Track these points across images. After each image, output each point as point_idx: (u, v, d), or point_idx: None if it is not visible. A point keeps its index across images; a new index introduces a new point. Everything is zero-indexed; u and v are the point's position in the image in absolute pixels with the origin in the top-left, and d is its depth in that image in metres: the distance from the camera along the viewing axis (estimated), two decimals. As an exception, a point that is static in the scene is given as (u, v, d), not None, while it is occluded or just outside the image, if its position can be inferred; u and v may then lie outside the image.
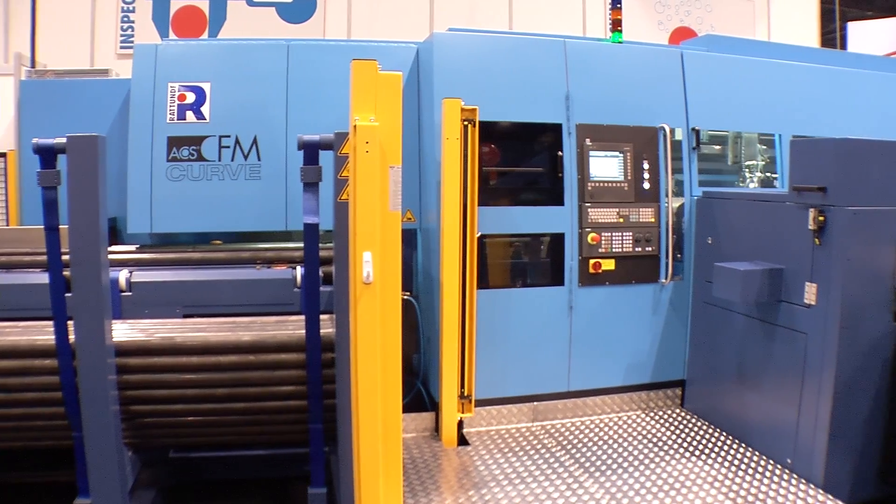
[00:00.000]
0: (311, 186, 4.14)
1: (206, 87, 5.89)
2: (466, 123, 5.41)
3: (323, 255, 4.46)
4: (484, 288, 5.83)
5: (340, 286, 4.02)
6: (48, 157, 3.89)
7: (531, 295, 6.08)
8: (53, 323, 4.00)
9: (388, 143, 3.77)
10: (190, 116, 5.85)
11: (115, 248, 5.51)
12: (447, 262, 5.45)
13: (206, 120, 5.87)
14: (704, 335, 6.27)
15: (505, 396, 6.06)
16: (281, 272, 5.23)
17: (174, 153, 5.81)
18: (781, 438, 5.30)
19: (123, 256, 5.36)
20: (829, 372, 4.87)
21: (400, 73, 3.87)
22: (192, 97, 5.86)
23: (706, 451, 5.59)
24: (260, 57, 6.01)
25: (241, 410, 4.37)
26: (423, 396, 6.21)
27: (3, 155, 6.78)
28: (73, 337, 3.96)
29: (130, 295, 5.01)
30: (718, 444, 5.72)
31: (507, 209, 5.99)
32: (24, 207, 6.38)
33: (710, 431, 5.98)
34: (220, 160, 5.87)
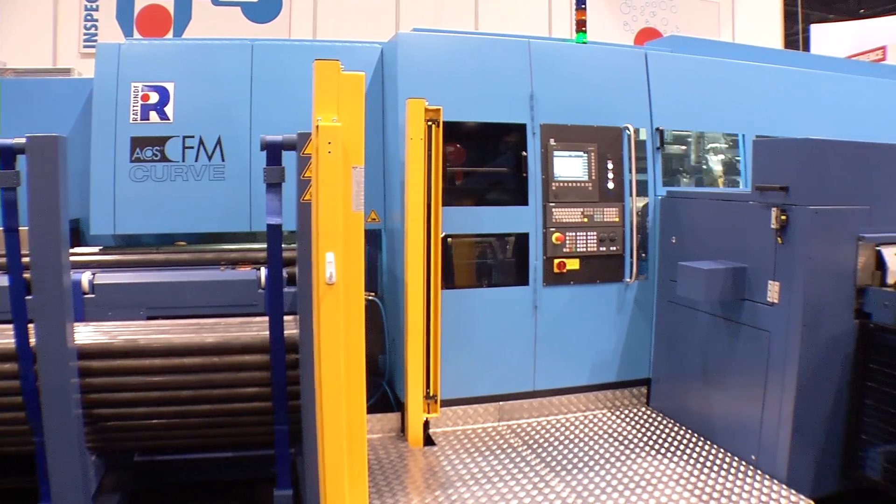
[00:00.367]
0: (273, 187, 4.12)
1: (169, 87, 5.84)
2: (430, 124, 5.41)
3: (287, 255, 4.45)
4: (449, 288, 5.84)
5: (304, 287, 4.01)
6: (7, 157, 3.83)
7: (496, 295, 6.08)
8: (13, 326, 3.94)
9: (350, 143, 3.77)
10: (153, 117, 5.79)
11: (77, 249, 5.44)
12: (411, 262, 5.44)
13: (169, 120, 5.81)
14: (669, 334, 6.31)
15: (471, 396, 6.06)
16: (245, 273, 5.20)
17: (137, 154, 5.75)
18: (746, 435, 5.35)
19: (86, 258, 5.29)
20: (791, 369, 4.92)
21: (363, 73, 3.88)
22: (155, 97, 5.81)
23: (672, 448, 5.63)
24: (224, 57, 5.96)
25: (205, 412, 4.34)
26: (388, 397, 6.20)
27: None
28: (33, 340, 3.90)
29: (93, 297, 4.95)
30: (684, 441, 5.76)
31: (471, 209, 5.99)
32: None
33: (675, 429, 6.02)
34: (183, 161, 5.81)
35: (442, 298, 5.63)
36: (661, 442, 5.75)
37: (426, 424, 5.73)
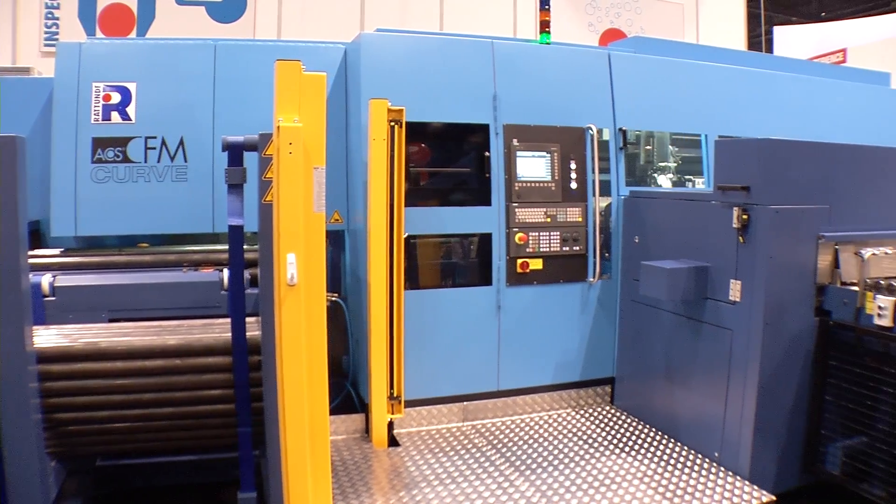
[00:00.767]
0: (235, 188, 4.10)
1: (131, 87, 5.79)
2: (393, 124, 5.41)
3: (250, 257, 4.42)
4: (412, 288, 5.84)
5: (265, 288, 3.99)
6: (-35, 158, 3.79)
7: (459, 295, 6.09)
8: (-29, 330, 3.89)
9: (312, 144, 3.76)
10: (115, 117, 5.74)
11: (38, 251, 5.40)
12: (374, 263, 5.43)
13: (131, 121, 5.76)
14: (633, 333, 6.35)
15: (435, 397, 6.06)
16: (208, 275, 5.17)
17: (99, 154, 5.69)
18: (709, 433, 5.40)
19: (47, 260, 5.24)
20: (753, 367, 4.98)
21: (324, 73, 3.87)
22: (117, 97, 5.75)
23: (636, 447, 5.66)
24: (186, 57, 5.92)
25: (168, 415, 4.30)
26: (353, 398, 6.18)
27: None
28: (-9, 344, 3.86)
29: (54, 300, 4.90)
30: (648, 439, 5.80)
31: (434, 209, 5.99)
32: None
33: (639, 428, 6.06)
34: (146, 162, 5.77)
35: (405, 299, 5.63)
36: (625, 440, 5.79)
37: (390, 425, 5.73)
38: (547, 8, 7.32)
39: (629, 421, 6.22)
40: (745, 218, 5.01)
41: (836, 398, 4.94)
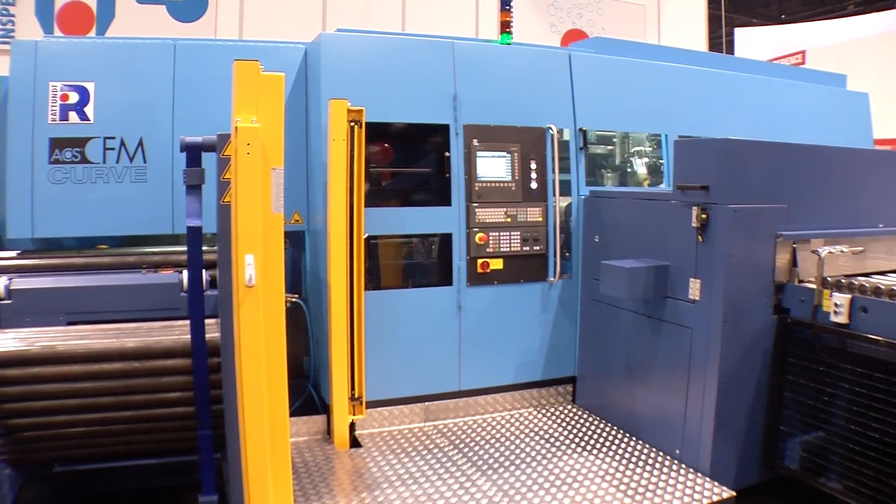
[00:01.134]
0: (194, 189, 4.08)
1: (89, 86, 5.72)
2: (353, 124, 5.40)
3: (209, 258, 4.40)
4: (373, 289, 5.82)
5: (224, 290, 3.97)
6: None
7: (420, 295, 6.08)
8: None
9: (270, 144, 3.75)
10: (73, 117, 5.67)
11: (-7, 254, 5.34)
12: (334, 263, 5.40)
13: (90, 121, 5.69)
14: (593, 332, 6.38)
15: (396, 397, 6.05)
16: (167, 276, 5.14)
17: (56, 155, 5.62)
18: (670, 430, 5.44)
19: (3, 262, 5.18)
20: (713, 364, 5.03)
21: (283, 73, 3.86)
22: (75, 97, 5.68)
23: (598, 445, 5.69)
24: (146, 56, 5.85)
25: (127, 419, 4.29)
26: (314, 399, 6.15)
27: None
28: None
29: (10, 303, 4.84)
30: (610, 438, 5.83)
31: (395, 210, 5.97)
32: None
33: (601, 426, 6.09)
34: (104, 162, 5.70)
35: (366, 299, 5.61)
36: (586, 439, 5.82)
37: (352, 426, 5.71)
38: (508, 8, 7.35)
39: (591, 420, 6.24)
40: (704, 217, 5.05)
41: (794, 394, 5.01)
